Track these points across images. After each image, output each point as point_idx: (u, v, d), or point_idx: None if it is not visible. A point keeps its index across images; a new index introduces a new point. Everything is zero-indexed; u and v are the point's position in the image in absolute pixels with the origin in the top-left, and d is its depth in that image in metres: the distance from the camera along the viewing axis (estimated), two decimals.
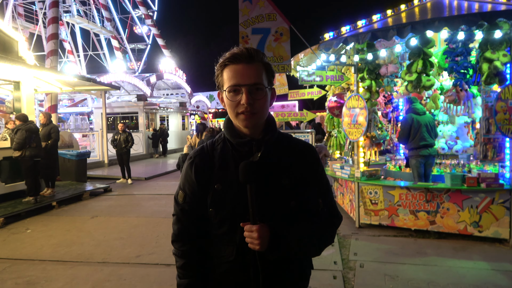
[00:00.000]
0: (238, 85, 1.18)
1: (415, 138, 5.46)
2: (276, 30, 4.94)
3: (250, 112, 1.18)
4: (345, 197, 6.36)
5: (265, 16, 4.94)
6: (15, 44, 8.12)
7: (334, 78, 6.00)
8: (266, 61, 1.24)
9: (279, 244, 1.17)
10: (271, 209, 1.23)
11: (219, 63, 1.23)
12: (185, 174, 1.34)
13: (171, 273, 3.95)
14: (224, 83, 1.22)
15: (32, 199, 6.93)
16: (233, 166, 1.24)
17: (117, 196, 8.61)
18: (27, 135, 6.65)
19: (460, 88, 5.37)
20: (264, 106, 1.22)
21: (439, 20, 4.42)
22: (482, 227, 4.74)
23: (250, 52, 1.20)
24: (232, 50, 1.21)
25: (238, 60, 1.19)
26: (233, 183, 1.22)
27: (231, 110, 1.22)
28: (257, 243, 1.13)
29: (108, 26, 29.07)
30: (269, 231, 1.16)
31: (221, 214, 1.25)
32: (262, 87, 1.20)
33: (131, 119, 18.02)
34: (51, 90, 11.49)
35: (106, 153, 13.36)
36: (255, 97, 1.19)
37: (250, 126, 1.22)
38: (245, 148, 1.26)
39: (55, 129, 7.72)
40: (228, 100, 1.21)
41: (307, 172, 1.30)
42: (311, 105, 28.65)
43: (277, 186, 1.24)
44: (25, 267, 4.30)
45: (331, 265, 4.10)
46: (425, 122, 5.52)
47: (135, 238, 5.29)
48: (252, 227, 1.15)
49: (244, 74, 1.18)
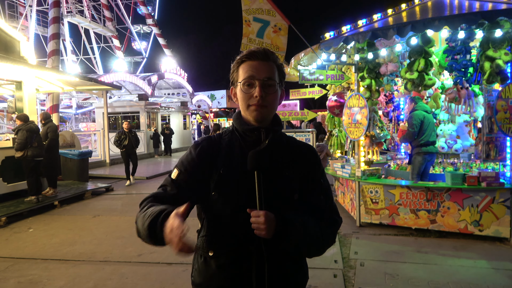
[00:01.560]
0: (252, 78, 1.26)
1: (425, 135, 5.46)
2: (275, 24, 5.04)
3: (261, 105, 1.26)
4: (346, 196, 6.37)
5: (264, 11, 5.01)
6: (16, 44, 8.16)
7: (335, 77, 6.02)
8: (279, 63, 1.33)
9: (286, 231, 1.16)
10: (276, 199, 1.24)
11: (236, 60, 1.32)
12: (188, 153, 1.36)
13: (172, 272, 3.98)
14: (239, 77, 1.29)
15: (34, 198, 6.97)
16: (240, 154, 1.29)
17: (119, 196, 8.65)
18: (28, 135, 6.67)
19: (460, 86, 5.37)
20: (275, 101, 1.31)
21: (439, 19, 4.42)
22: (482, 226, 4.74)
23: (266, 51, 1.30)
24: (250, 49, 1.31)
25: (254, 57, 1.28)
26: (238, 170, 1.26)
27: (244, 102, 1.29)
28: (263, 228, 1.12)
29: (109, 26, 29.11)
30: (276, 217, 1.16)
31: (224, 198, 1.26)
32: (274, 83, 1.29)
33: (132, 119, 18.05)
34: (52, 90, 11.53)
35: (108, 152, 13.40)
36: (267, 92, 1.27)
37: (259, 118, 1.28)
38: (252, 136, 1.30)
39: (52, 128, 7.68)
40: (242, 92, 1.28)
41: (309, 171, 1.35)
42: (313, 104, 28.67)
43: (282, 177, 1.29)
44: (27, 266, 4.33)
45: (332, 263, 4.11)
46: (433, 121, 5.63)
47: (137, 237, 5.30)
48: (258, 212, 1.14)
49: (259, 69, 1.27)
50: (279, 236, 1.15)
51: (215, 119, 32.19)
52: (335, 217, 1.38)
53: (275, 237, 1.15)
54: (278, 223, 1.15)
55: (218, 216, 1.28)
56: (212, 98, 31.42)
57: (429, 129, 5.49)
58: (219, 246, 1.28)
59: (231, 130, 1.39)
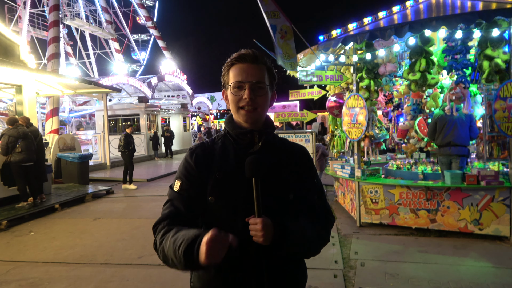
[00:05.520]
0: (242, 82, 1.27)
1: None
2: (281, 28, 4.89)
3: (252, 107, 1.27)
4: (345, 196, 6.38)
5: (270, 13, 4.88)
6: (16, 48, 8.19)
7: (334, 78, 6.02)
8: (269, 65, 1.34)
9: (284, 238, 1.18)
10: (272, 200, 1.25)
11: (226, 63, 1.33)
12: (184, 163, 1.35)
13: (172, 274, 3.96)
14: (230, 80, 1.30)
15: (25, 204, 6.87)
16: (234, 157, 1.30)
17: (119, 198, 8.65)
18: (10, 140, 6.45)
19: (463, 85, 5.37)
20: (265, 103, 1.31)
21: (437, 20, 4.44)
22: (482, 225, 4.75)
23: (255, 54, 1.30)
24: (240, 51, 1.31)
25: (244, 60, 1.29)
26: (233, 173, 1.27)
27: (234, 105, 1.30)
28: (261, 235, 1.13)
29: (108, 28, 29.17)
30: (273, 224, 1.17)
31: (221, 202, 1.27)
32: (264, 86, 1.29)
33: (132, 121, 18.08)
34: (52, 93, 11.55)
35: (108, 155, 13.42)
36: (257, 94, 1.27)
37: (250, 121, 1.29)
38: (245, 139, 1.31)
39: (23, 134, 6.71)
40: (232, 95, 1.29)
41: (303, 172, 1.37)
42: (313, 105, 28.69)
43: (277, 179, 1.29)
44: (28, 269, 4.34)
45: (332, 264, 4.12)
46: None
47: (137, 239, 5.33)
48: (256, 220, 1.15)
49: (248, 73, 1.27)
50: (277, 242, 1.17)
51: (215, 121, 32.23)
52: (329, 217, 1.40)
53: (273, 243, 1.16)
54: (276, 230, 1.16)
55: (215, 219, 1.29)
56: (212, 100, 31.48)
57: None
58: None
59: (223, 134, 1.38)
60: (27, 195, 6.93)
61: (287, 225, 1.20)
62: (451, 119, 5.35)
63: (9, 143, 6.50)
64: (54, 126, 12.63)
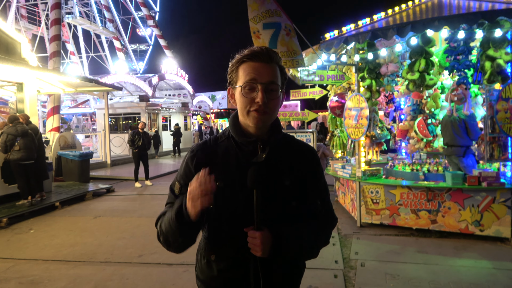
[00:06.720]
0: (255, 81, 1.17)
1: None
2: (286, 26, 4.87)
3: (263, 111, 1.18)
4: (346, 196, 6.37)
5: (273, 11, 4.85)
6: (17, 46, 8.19)
7: (335, 77, 6.01)
8: (281, 65, 1.26)
9: (280, 252, 1.18)
10: (274, 210, 1.24)
11: (236, 59, 1.22)
12: (185, 166, 1.33)
13: (173, 273, 3.98)
14: (239, 79, 1.21)
15: (26, 201, 6.86)
16: (236, 165, 1.25)
17: (119, 197, 8.66)
18: (9, 138, 6.43)
19: (464, 86, 5.36)
20: (276, 106, 1.23)
21: (439, 20, 4.43)
22: (483, 226, 4.73)
23: (269, 52, 1.21)
24: (252, 48, 1.21)
25: (257, 58, 1.19)
26: (235, 182, 1.23)
27: (243, 106, 1.20)
28: (259, 249, 1.14)
29: (110, 27, 29.16)
30: (272, 239, 1.16)
31: (221, 211, 1.25)
32: (277, 88, 1.21)
33: (133, 120, 18.09)
34: (53, 91, 11.56)
35: (109, 153, 13.42)
36: (270, 97, 1.19)
37: (260, 125, 1.21)
38: (249, 147, 1.26)
39: (22, 132, 6.65)
40: (243, 96, 1.19)
41: (308, 172, 1.33)
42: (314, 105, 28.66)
43: (280, 187, 1.25)
44: (28, 266, 4.34)
45: (332, 264, 4.11)
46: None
47: (138, 238, 5.32)
48: (255, 233, 1.15)
49: (262, 72, 1.18)
50: (274, 254, 1.17)
51: (216, 120, 32.23)
52: (331, 221, 1.39)
53: (271, 255, 1.17)
54: (274, 242, 1.16)
55: (216, 223, 1.29)
56: (212, 99, 31.47)
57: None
58: (218, 253, 1.30)
59: (227, 136, 1.32)
60: (27, 193, 6.91)
61: (286, 235, 1.20)
62: (448, 120, 5.41)
63: (7, 141, 6.47)
64: (55, 124, 12.65)
